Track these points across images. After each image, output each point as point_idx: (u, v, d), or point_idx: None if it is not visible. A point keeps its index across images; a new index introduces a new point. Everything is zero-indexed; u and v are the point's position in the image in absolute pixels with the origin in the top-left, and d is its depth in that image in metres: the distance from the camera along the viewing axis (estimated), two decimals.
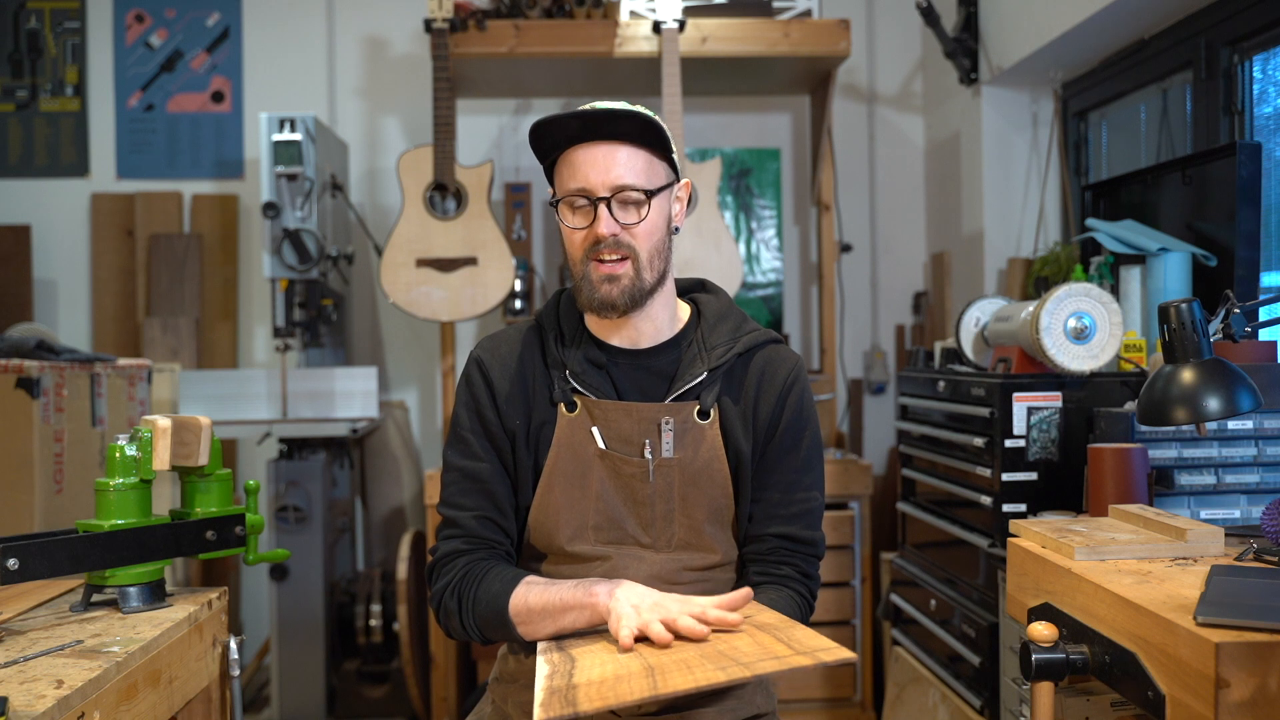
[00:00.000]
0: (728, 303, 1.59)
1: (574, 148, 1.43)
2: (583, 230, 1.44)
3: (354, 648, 3.40)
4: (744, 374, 1.52)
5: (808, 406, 1.54)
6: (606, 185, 1.42)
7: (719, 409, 1.50)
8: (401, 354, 3.98)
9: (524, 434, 1.50)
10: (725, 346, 1.52)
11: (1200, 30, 2.65)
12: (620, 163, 1.42)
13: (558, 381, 1.50)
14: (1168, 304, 1.53)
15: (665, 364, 1.52)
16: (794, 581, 1.51)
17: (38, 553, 1.34)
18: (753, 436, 1.51)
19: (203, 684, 1.47)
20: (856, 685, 3.19)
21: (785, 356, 1.55)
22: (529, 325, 1.58)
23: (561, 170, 1.46)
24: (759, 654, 1.19)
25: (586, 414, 1.49)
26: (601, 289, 1.43)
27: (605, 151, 1.42)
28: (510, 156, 3.97)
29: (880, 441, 3.98)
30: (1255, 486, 1.91)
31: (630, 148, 1.43)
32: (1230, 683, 1.06)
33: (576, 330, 1.54)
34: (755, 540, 1.52)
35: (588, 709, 1.11)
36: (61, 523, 2.16)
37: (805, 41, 3.32)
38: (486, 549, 1.48)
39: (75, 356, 2.32)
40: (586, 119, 1.41)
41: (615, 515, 1.48)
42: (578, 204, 1.44)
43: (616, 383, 1.51)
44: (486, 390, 1.51)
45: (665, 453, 1.48)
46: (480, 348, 1.56)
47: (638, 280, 1.44)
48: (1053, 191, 3.40)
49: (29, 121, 3.92)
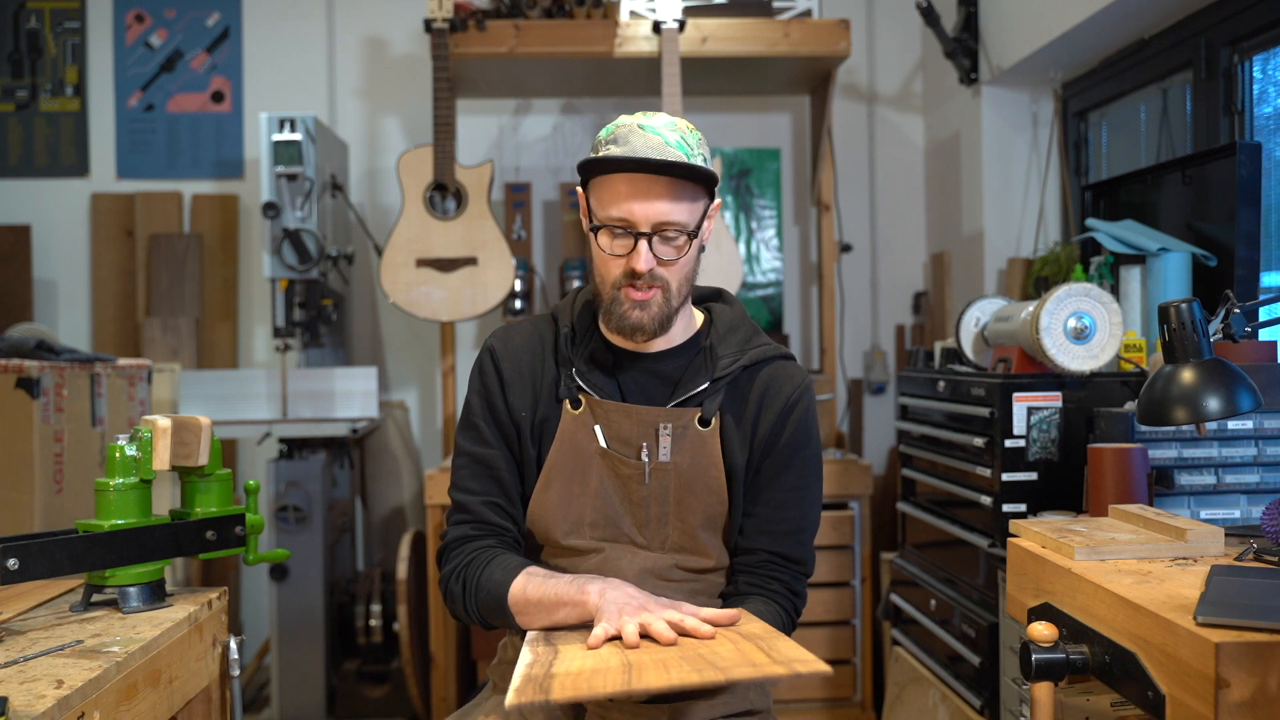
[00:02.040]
0: (741, 314, 1.61)
1: (623, 174, 1.41)
2: (619, 259, 1.44)
3: (354, 648, 3.40)
4: (748, 387, 1.54)
5: (810, 426, 1.55)
6: (650, 221, 1.41)
7: (721, 416, 1.52)
8: (401, 354, 3.98)
9: (529, 426, 1.53)
10: (732, 358, 1.53)
11: (1200, 30, 2.65)
12: (668, 197, 1.40)
13: (564, 378, 1.52)
14: (1168, 304, 1.53)
15: (672, 369, 1.53)
16: (781, 597, 1.54)
17: (38, 553, 1.34)
18: (749, 449, 1.52)
19: (203, 684, 1.47)
20: (856, 685, 3.19)
21: (792, 374, 1.56)
22: (543, 319, 1.60)
23: (602, 191, 1.44)
24: (737, 660, 1.21)
25: (590, 412, 1.51)
26: (632, 315, 1.45)
27: (654, 184, 1.40)
28: (510, 156, 3.97)
29: (880, 441, 3.98)
30: (1255, 486, 1.91)
31: (678, 184, 1.41)
32: (1230, 683, 1.06)
33: (589, 330, 1.56)
34: (746, 552, 1.55)
35: (559, 698, 1.15)
36: (61, 523, 2.16)
37: (805, 41, 3.32)
38: (494, 535, 1.52)
39: (75, 356, 2.32)
40: (643, 164, 1.38)
41: (612, 513, 1.50)
42: (617, 232, 1.43)
43: (621, 384, 1.53)
44: (497, 379, 1.54)
45: (662, 457, 1.49)
46: (494, 337, 1.58)
47: (666, 307, 1.46)
48: (1053, 191, 3.40)
49: (29, 121, 3.92)
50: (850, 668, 3.18)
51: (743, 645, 1.26)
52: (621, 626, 1.28)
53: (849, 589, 3.16)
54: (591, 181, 1.47)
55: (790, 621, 1.54)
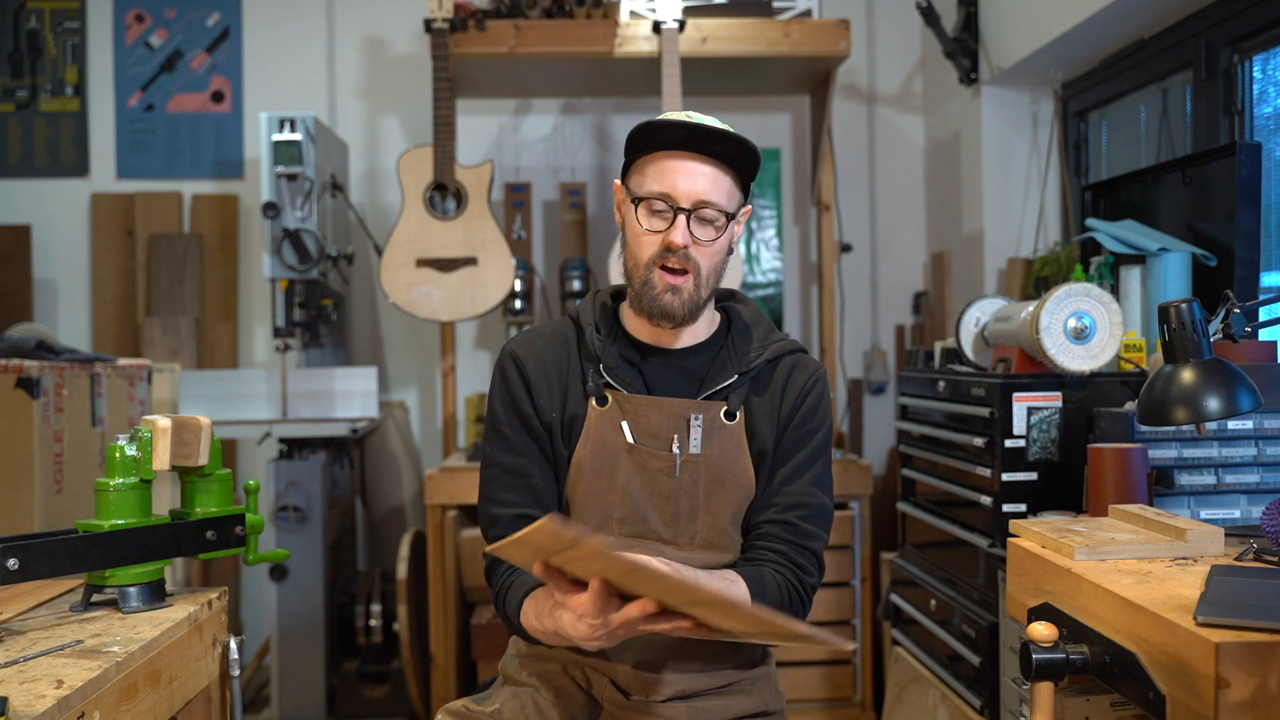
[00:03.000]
0: (757, 312, 1.64)
1: (669, 153, 1.46)
2: (656, 234, 1.46)
3: (354, 648, 3.40)
4: (771, 376, 1.57)
5: (824, 410, 1.57)
6: (691, 197, 1.45)
7: (745, 409, 1.54)
8: (401, 354, 3.98)
9: (559, 426, 1.53)
10: (756, 352, 1.56)
11: (1200, 30, 2.65)
12: (710, 180, 1.45)
13: (591, 376, 1.53)
14: (1168, 304, 1.53)
15: (698, 365, 1.56)
16: (778, 565, 1.50)
17: (38, 553, 1.34)
18: (776, 432, 1.54)
19: (203, 684, 1.47)
20: (856, 685, 3.19)
21: (809, 363, 1.60)
22: (561, 321, 1.62)
23: (648, 170, 1.47)
24: (755, 619, 1.19)
25: (617, 408, 1.52)
26: (664, 298, 1.47)
27: (698, 166, 1.45)
28: (510, 156, 3.97)
29: (880, 441, 3.98)
30: (1255, 486, 1.91)
31: (721, 169, 1.47)
32: (1230, 683, 1.06)
33: (613, 328, 1.57)
34: (750, 529, 1.55)
35: (540, 537, 1.09)
36: (61, 523, 2.16)
37: (805, 41, 3.32)
38: None
39: (75, 356, 2.32)
40: (695, 131, 1.44)
41: (639, 509, 1.51)
42: (656, 207, 1.46)
43: (649, 379, 1.54)
44: (523, 384, 1.54)
45: (693, 448, 1.50)
46: (514, 343, 1.59)
47: (696, 295, 1.48)
48: (1053, 191, 3.40)
49: (29, 121, 3.92)
50: (850, 668, 3.18)
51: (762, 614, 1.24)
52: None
53: (849, 589, 3.17)
54: (635, 162, 1.50)
55: (795, 592, 1.49)
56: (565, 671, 1.56)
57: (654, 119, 1.46)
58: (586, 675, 1.55)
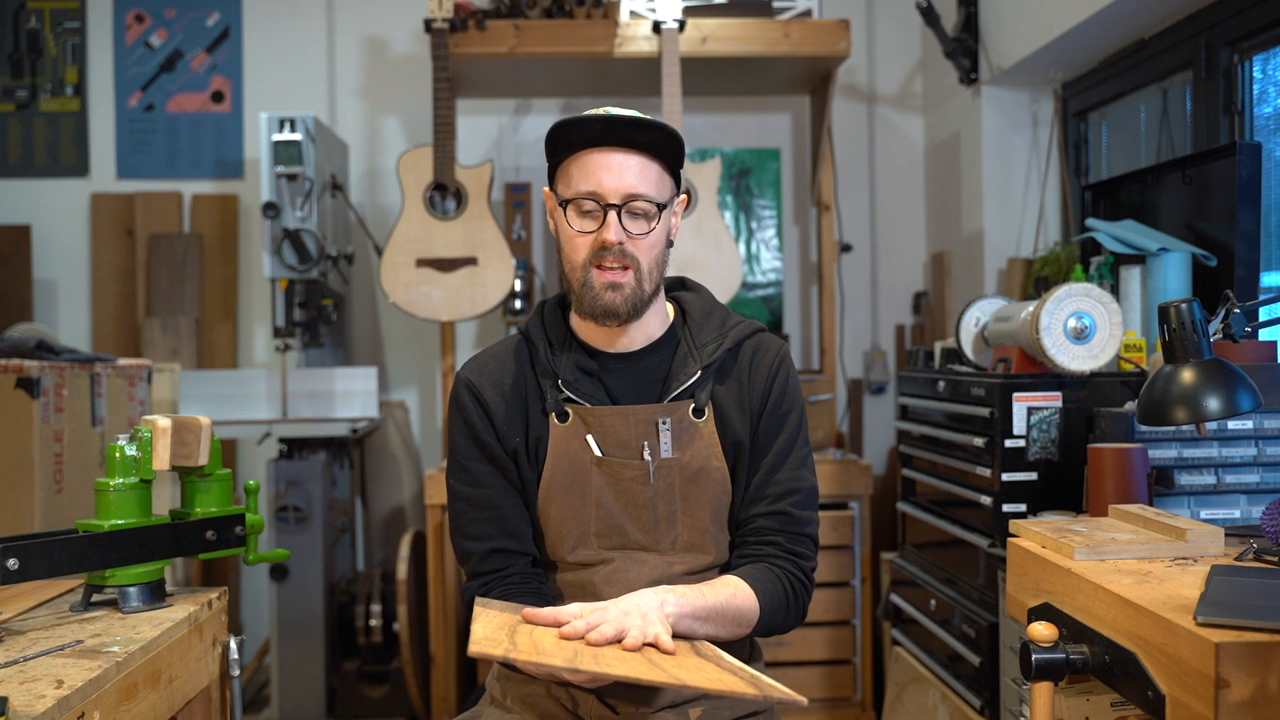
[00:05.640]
0: (710, 299, 1.60)
1: (590, 150, 1.42)
2: (588, 235, 1.43)
3: (354, 648, 3.40)
4: (734, 363, 1.53)
5: (793, 388, 1.54)
6: (619, 193, 1.41)
7: (714, 404, 1.50)
8: (401, 354, 3.98)
9: (524, 450, 1.50)
10: (715, 343, 1.52)
11: (1200, 30, 2.65)
12: (636, 172, 1.41)
13: (549, 392, 1.49)
14: (1168, 304, 1.53)
15: (658, 364, 1.52)
16: (780, 560, 1.48)
17: (38, 553, 1.34)
18: (749, 420, 1.51)
19: (203, 684, 1.47)
20: (856, 685, 3.19)
21: (770, 342, 1.56)
22: (514, 340, 1.57)
23: (571, 171, 1.44)
24: (704, 674, 1.21)
25: (580, 422, 1.49)
26: (605, 296, 1.43)
27: (622, 159, 1.41)
28: (510, 156, 3.97)
29: (880, 441, 3.98)
30: (1255, 486, 1.91)
31: (646, 158, 1.42)
32: (1230, 683, 1.06)
33: (565, 339, 1.53)
34: (742, 525, 1.52)
35: (521, 657, 1.18)
36: (61, 523, 2.16)
37: (805, 41, 3.32)
38: (501, 582, 1.49)
39: (75, 356, 2.32)
40: (611, 123, 1.40)
41: (616, 522, 1.48)
42: (585, 207, 1.43)
43: (610, 388, 1.50)
44: (481, 413, 1.50)
45: (664, 453, 1.47)
46: (467, 369, 1.54)
47: (639, 289, 1.44)
48: (1053, 191, 3.40)
49: (29, 121, 3.92)
50: (850, 668, 3.18)
51: (722, 664, 1.25)
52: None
53: (849, 589, 3.17)
54: (559, 165, 1.46)
55: (795, 585, 1.48)
56: (549, 694, 1.49)
57: (568, 117, 1.41)
58: (572, 696, 1.48)
